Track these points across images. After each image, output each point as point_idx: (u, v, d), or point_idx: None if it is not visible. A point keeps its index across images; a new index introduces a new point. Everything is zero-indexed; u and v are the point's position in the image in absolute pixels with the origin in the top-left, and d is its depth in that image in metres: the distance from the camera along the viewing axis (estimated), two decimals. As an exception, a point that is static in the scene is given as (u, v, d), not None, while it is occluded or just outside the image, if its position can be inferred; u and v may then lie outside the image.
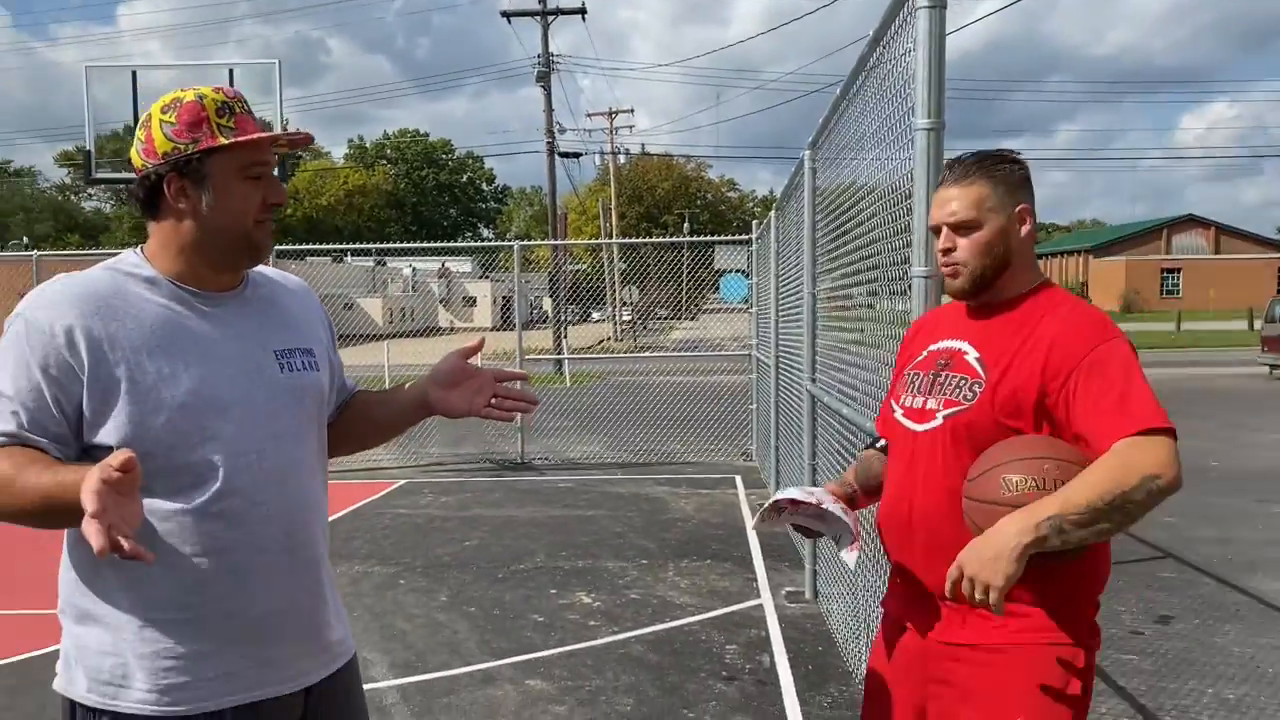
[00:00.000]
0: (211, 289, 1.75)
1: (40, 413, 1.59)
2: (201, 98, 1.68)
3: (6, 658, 4.87)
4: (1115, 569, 6.28)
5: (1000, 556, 1.67)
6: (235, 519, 1.66)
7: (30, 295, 1.67)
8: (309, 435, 1.84)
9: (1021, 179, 1.99)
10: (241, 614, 1.68)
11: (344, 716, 1.87)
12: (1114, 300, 59.05)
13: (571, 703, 4.26)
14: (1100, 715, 4.06)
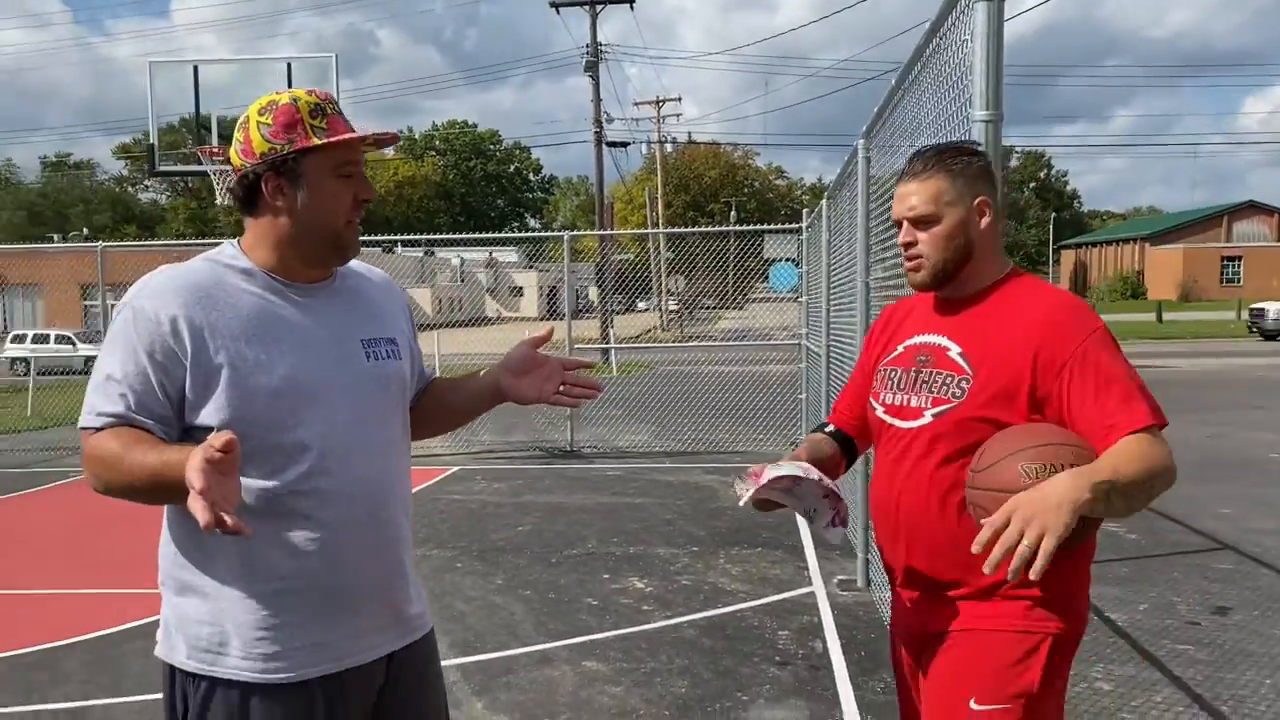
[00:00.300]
0: (303, 281, 1.84)
1: (146, 395, 1.69)
2: (295, 100, 1.77)
3: (84, 634, 5.05)
4: (1171, 559, 6.25)
5: (1063, 506, 1.63)
6: (325, 497, 1.76)
7: (136, 285, 1.77)
8: (393, 419, 1.93)
9: (980, 171, 2.01)
10: (329, 587, 1.77)
11: (422, 685, 1.96)
12: (1171, 289, 57.96)
13: (627, 684, 4.35)
14: (1156, 704, 4.07)
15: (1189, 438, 11.44)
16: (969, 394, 1.92)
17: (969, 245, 1.98)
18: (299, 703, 1.76)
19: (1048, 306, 1.92)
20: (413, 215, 76.55)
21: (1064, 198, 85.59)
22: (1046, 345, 1.86)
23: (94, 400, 1.71)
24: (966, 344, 1.97)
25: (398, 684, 1.90)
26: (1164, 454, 1.76)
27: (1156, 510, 7.58)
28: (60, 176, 77.32)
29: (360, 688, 1.84)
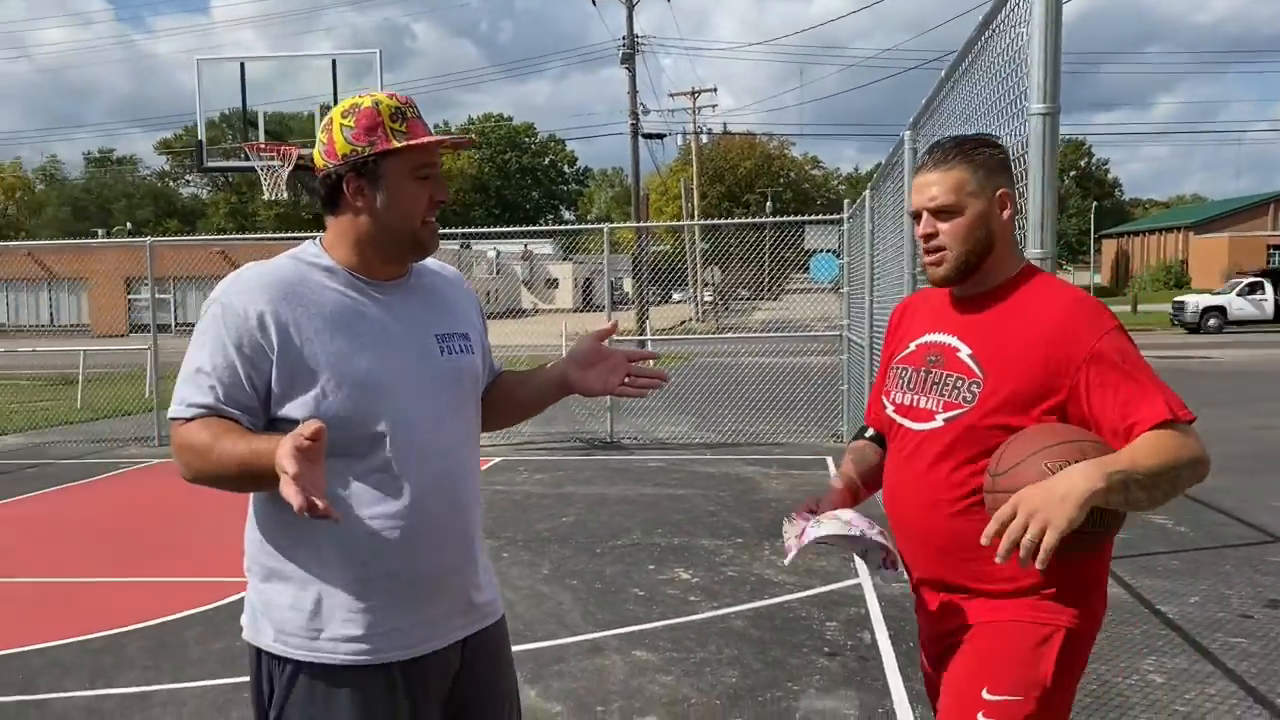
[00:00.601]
0: (381, 278, 1.90)
1: (234, 388, 1.76)
2: (377, 104, 1.83)
3: (145, 621, 5.18)
4: (1223, 552, 6.21)
5: (1069, 499, 1.63)
6: (404, 488, 1.81)
7: (225, 282, 1.84)
8: (466, 412, 1.99)
9: (1000, 163, 1.98)
10: (409, 574, 1.83)
11: (495, 668, 2.03)
12: (1216, 279, 56.98)
13: (678, 673, 4.40)
14: (1210, 696, 4.05)
15: (1235, 429, 11.30)
16: (979, 399, 1.90)
17: (990, 238, 1.95)
18: (380, 684, 1.82)
19: (1060, 306, 1.89)
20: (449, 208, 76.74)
21: (1105, 186, 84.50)
22: (1059, 346, 1.83)
23: (184, 391, 1.78)
24: (977, 345, 1.95)
25: (472, 667, 1.96)
26: (1189, 446, 1.74)
27: (1206, 503, 7.52)
28: (103, 172, 78.57)
29: (438, 670, 1.90)
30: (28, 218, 70.30)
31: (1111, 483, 1.65)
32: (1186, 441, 1.74)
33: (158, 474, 10.10)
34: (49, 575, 6.25)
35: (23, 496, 8.86)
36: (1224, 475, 8.59)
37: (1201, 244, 62.44)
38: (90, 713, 4.07)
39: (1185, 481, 1.73)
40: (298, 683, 1.82)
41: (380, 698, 1.82)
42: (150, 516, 7.90)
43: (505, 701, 2.05)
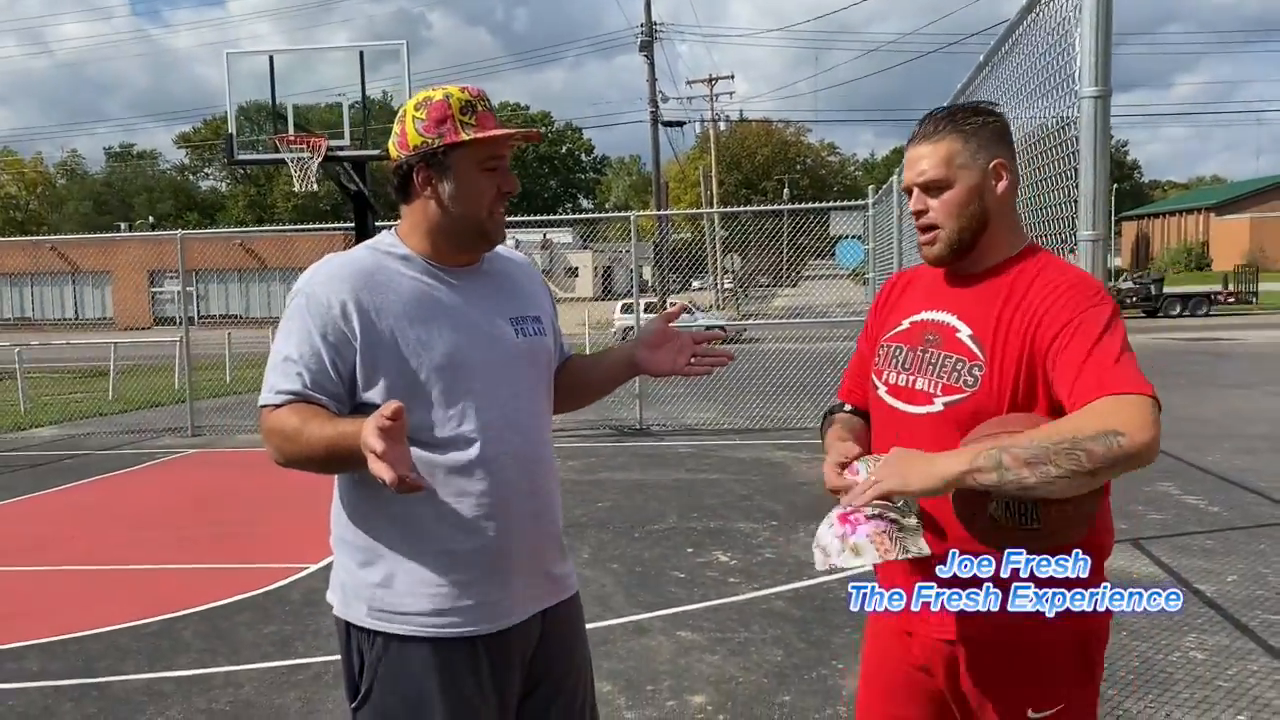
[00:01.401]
0: (454, 265, 1.96)
1: (320, 374, 1.83)
2: (449, 97, 1.88)
3: (197, 606, 5.29)
4: (1256, 532, 6.22)
5: (929, 471, 1.57)
6: (486, 467, 1.88)
7: (308, 273, 1.91)
8: (541, 392, 2.06)
9: (995, 132, 1.84)
10: (492, 550, 1.90)
11: (572, 638, 2.10)
12: (1237, 260, 56.54)
13: (724, 652, 4.47)
14: (1252, 673, 4.09)
15: (1262, 410, 11.28)
16: (983, 383, 1.76)
17: (984, 213, 1.82)
18: (465, 656, 1.89)
19: (1061, 287, 1.75)
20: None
21: (1124, 168, 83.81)
22: (1046, 320, 1.71)
23: (273, 379, 1.85)
24: (977, 325, 1.80)
25: (551, 638, 2.03)
26: (1118, 420, 1.52)
27: (1238, 483, 7.54)
28: (124, 166, 79.09)
29: (520, 642, 1.97)
30: (49, 212, 70.88)
31: (978, 462, 1.53)
32: (1116, 411, 1.53)
33: (196, 463, 10.24)
34: (100, 563, 6.38)
35: (66, 486, 9.01)
36: (1253, 456, 8.62)
37: (1222, 226, 61.98)
38: (151, 694, 4.18)
39: (1096, 456, 1.49)
40: (387, 657, 1.89)
41: (465, 669, 1.89)
42: (193, 505, 8.03)
43: (581, 671, 2.12)
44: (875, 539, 1.70)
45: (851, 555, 1.69)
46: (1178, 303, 31.92)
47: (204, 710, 4.01)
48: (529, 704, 2.02)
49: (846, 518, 1.73)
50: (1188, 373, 14.95)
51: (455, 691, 1.87)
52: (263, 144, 10.75)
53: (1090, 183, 2.79)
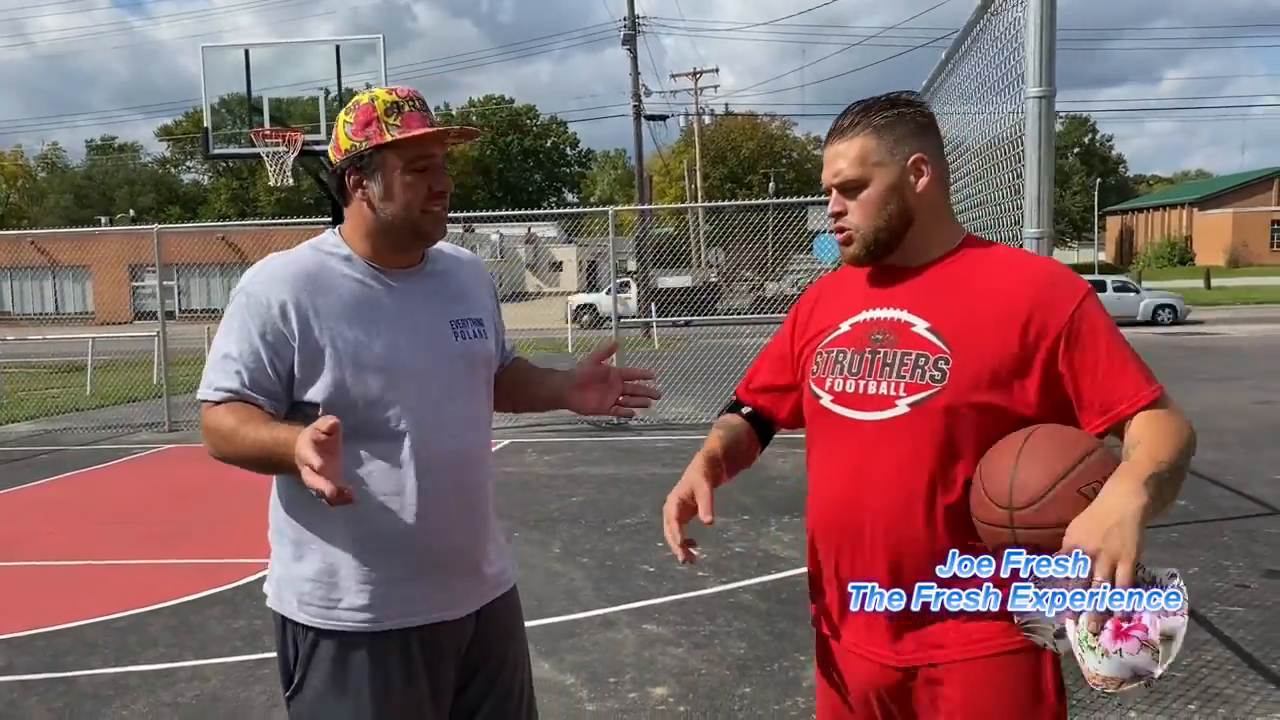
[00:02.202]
0: (395, 266, 1.98)
1: (258, 373, 1.86)
2: (374, 99, 1.91)
3: (167, 601, 5.30)
4: (1222, 525, 6.31)
5: (1125, 523, 1.42)
6: (418, 467, 1.91)
7: (251, 272, 1.93)
8: (479, 395, 2.08)
9: (915, 124, 1.75)
10: (423, 548, 1.93)
11: (507, 631, 2.13)
12: (1219, 255, 56.97)
13: (688, 645, 4.51)
14: (1206, 663, 4.16)
15: (1239, 404, 11.40)
16: (951, 376, 1.65)
17: (905, 211, 1.73)
18: (396, 650, 1.92)
19: (1030, 272, 1.71)
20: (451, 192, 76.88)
21: (1109, 163, 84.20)
22: (1037, 313, 1.64)
23: (212, 376, 1.88)
24: (935, 317, 1.70)
25: (485, 633, 2.06)
26: (1182, 421, 1.60)
27: (1206, 476, 7.61)
28: (105, 159, 78.56)
29: (453, 638, 2.00)
30: (30, 205, 70.39)
31: (1150, 491, 1.46)
32: (1178, 419, 1.60)
33: (172, 458, 10.23)
34: (72, 558, 6.38)
35: (41, 482, 8.99)
36: (1224, 449, 8.71)
37: (1205, 220, 62.38)
38: (117, 688, 4.19)
39: (1188, 462, 1.57)
40: (319, 649, 1.92)
41: (396, 663, 1.92)
42: (167, 500, 8.02)
43: (515, 667, 2.14)
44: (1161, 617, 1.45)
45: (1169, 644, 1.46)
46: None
47: (169, 704, 4.03)
48: (465, 696, 2.05)
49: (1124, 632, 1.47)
50: (1167, 367, 15.00)
51: (387, 684, 1.91)
52: (244, 138, 10.73)
53: (1035, 181, 2.84)
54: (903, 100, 1.78)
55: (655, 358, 17.11)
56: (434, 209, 1.93)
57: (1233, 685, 3.96)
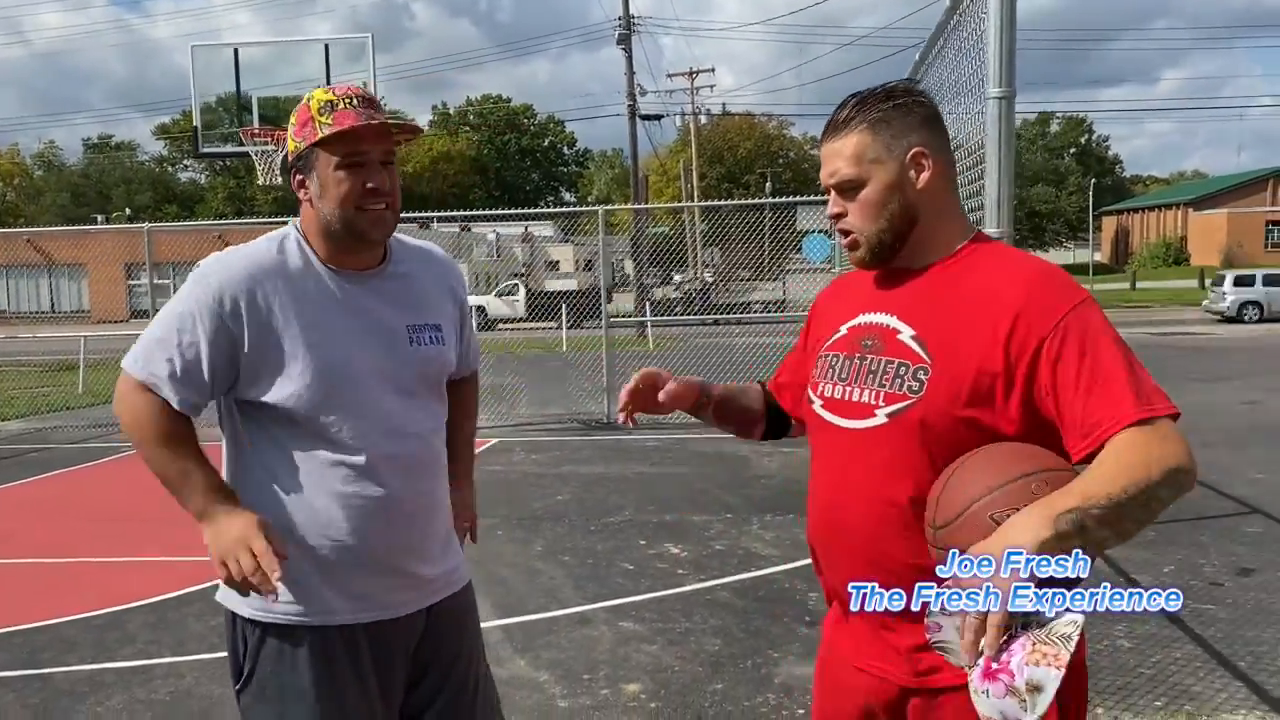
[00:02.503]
0: (352, 268, 1.97)
1: (192, 366, 1.87)
2: (310, 99, 1.91)
3: (148, 598, 5.33)
4: (1200, 524, 6.33)
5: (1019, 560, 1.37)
6: (365, 471, 1.92)
7: (207, 261, 1.93)
8: (431, 401, 2.08)
9: (915, 116, 1.64)
10: (363, 548, 1.94)
11: (459, 629, 2.14)
12: (1214, 255, 56.97)
13: (662, 642, 4.54)
14: (1175, 659, 4.19)
15: (1228, 404, 11.43)
16: (928, 388, 1.57)
17: (908, 210, 1.64)
18: (342, 646, 1.95)
19: (1022, 280, 1.57)
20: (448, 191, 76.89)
21: (1105, 163, 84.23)
22: (1022, 322, 1.52)
23: (144, 351, 1.89)
24: (921, 325, 1.62)
25: (436, 631, 2.08)
26: (1165, 454, 1.41)
27: (1188, 476, 7.64)
28: (102, 158, 78.49)
29: (402, 635, 2.02)
30: (26, 204, 70.34)
31: (1061, 526, 1.37)
32: (1161, 448, 1.41)
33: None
34: (56, 556, 6.40)
35: (28, 480, 9.01)
36: (1211, 449, 8.73)
37: (1200, 220, 62.38)
38: (92, 685, 4.21)
39: (1163, 500, 1.41)
40: (267, 643, 1.95)
41: (343, 658, 1.94)
42: (153, 498, 7.99)
43: (469, 662, 2.16)
44: (1035, 659, 1.35)
45: (1036, 694, 1.34)
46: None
47: (143, 700, 4.05)
48: (417, 693, 2.07)
49: (991, 673, 1.38)
50: (1155, 367, 14.84)
51: (334, 679, 1.93)
52: (235, 137, 10.74)
53: (995, 181, 2.87)
54: (900, 90, 1.67)
55: (647, 358, 17.13)
56: (371, 207, 1.90)
57: (1200, 683, 3.99)
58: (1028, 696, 1.34)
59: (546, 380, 14.38)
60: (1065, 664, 1.34)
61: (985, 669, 1.38)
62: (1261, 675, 4.04)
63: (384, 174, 1.91)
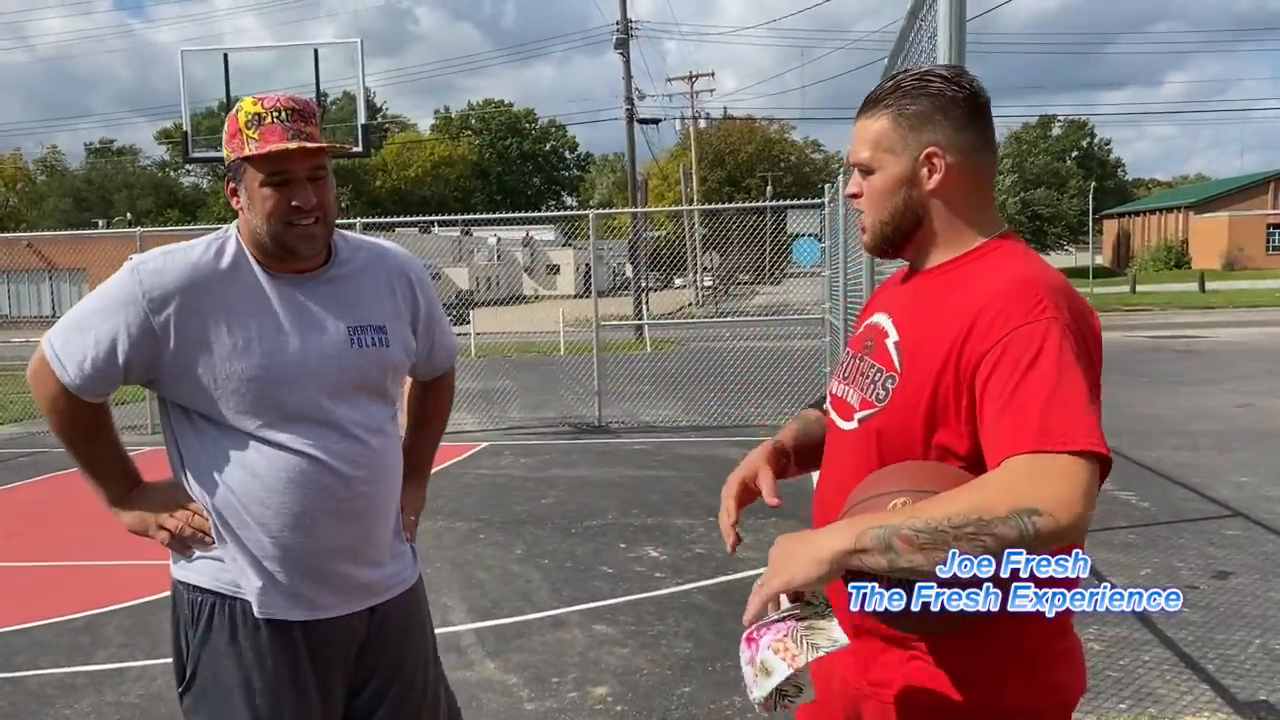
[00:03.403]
0: (290, 270, 1.97)
1: (104, 364, 1.89)
2: (239, 110, 1.91)
3: (125, 602, 5.35)
4: (1180, 526, 6.35)
5: (798, 555, 1.38)
6: (299, 472, 1.93)
7: (140, 257, 1.93)
8: (373, 402, 2.06)
9: (944, 113, 1.53)
10: (305, 549, 1.95)
11: (405, 630, 2.15)
12: (1215, 259, 56.96)
13: (634, 645, 4.55)
14: (1143, 663, 4.20)
15: (1216, 407, 11.43)
16: (891, 398, 1.53)
17: (913, 207, 1.57)
18: (281, 640, 1.96)
19: (992, 288, 1.47)
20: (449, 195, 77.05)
21: (1107, 166, 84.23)
22: (975, 334, 1.44)
23: (65, 338, 1.92)
24: (906, 331, 1.57)
25: (380, 634, 2.09)
26: (1021, 493, 1.28)
27: (1172, 478, 7.66)
28: (104, 162, 78.69)
29: (342, 635, 2.03)
30: (29, 209, 70.51)
31: (864, 543, 1.33)
32: (1029, 486, 1.29)
33: (152, 460, 10.11)
34: (39, 559, 6.43)
35: (17, 484, 9.06)
36: (1195, 451, 8.75)
37: (1201, 224, 62.37)
38: (63, 688, 4.24)
39: (1001, 539, 1.28)
40: (207, 644, 1.98)
41: (280, 651, 1.96)
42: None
43: (416, 665, 2.17)
44: (777, 647, 1.41)
45: (764, 677, 1.41)
46: None
47: (113, 703, 4.07)
48: (363, 697, 2.09)
49: (751, 637, 1.46)
50: (1150, 370, 15.09)
51: (270, 676, 1.95)
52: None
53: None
54: (938, 76, 1.55)
55: (643, 360, 17.14)
56: (298, 223, 1.90)
57: (1166, 685, 4.00)
58: (759, 674, 1.41)
59: (541, 384, 14.41)
60: (798, 666, 1.39)
61: (748, 634, 1.47)
62: (1229, 679, 4.04)
63: (310, 190, 1.91)
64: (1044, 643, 1.54)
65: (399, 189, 74.29)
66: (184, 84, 10.16)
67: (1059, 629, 1.55)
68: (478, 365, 15.14)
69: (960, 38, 2.81)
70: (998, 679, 1.51)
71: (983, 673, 1.51)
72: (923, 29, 3.60)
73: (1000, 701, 1.51)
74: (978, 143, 1.55)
